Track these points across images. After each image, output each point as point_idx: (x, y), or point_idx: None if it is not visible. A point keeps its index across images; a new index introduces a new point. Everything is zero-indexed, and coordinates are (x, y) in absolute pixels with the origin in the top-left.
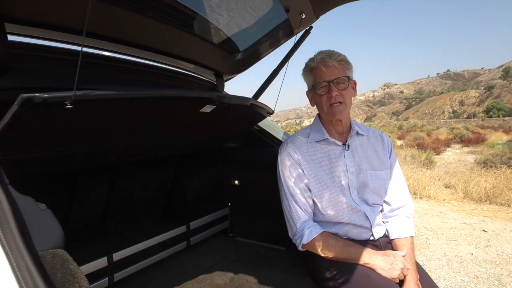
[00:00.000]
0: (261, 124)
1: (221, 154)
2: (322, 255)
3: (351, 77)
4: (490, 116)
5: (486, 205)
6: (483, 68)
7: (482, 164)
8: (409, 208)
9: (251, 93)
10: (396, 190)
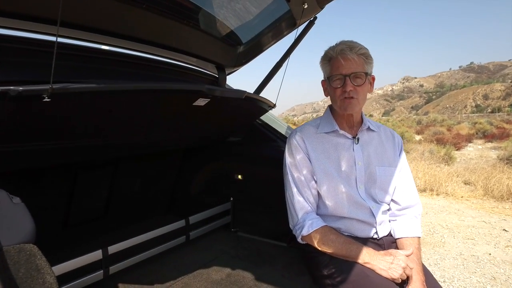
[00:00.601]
0: (264, 119)
1: (224, 148)
2: (321, 249)
3: (369, 73)
4: None
5: (508, 203)
6: (510, 60)
7: (506, 160)
8: (418, 208)
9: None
10: (405, 189)
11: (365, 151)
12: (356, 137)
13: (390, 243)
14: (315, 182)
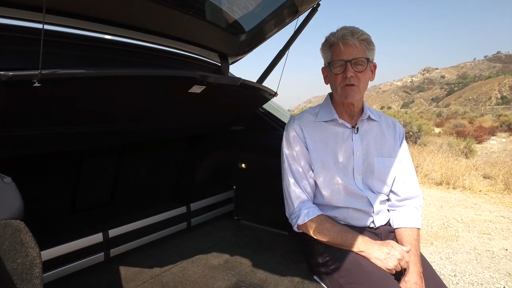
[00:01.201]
0: (268, 108)
1: (227, 137)
2: (316, 238)
3: (371, 59)
4: None
5: None
6: None
7: None
8: (418, 200)
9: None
10: (405, 180)
11: (364, 141)
12: (356, 126)
13: (387, 232)
14: (312, 171)
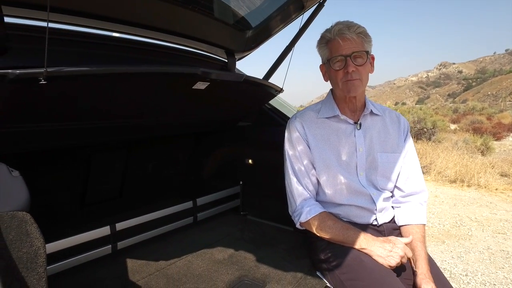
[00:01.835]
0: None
1: (234, 133)
2: (319, 235)
3: (369, 52)
4: None
5: None
6: None
7: None
8: (423, 195)
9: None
10: (410, 176)
11: (367, 137)
12: (358, 122)
13: (391, 229)
14: (314, 169)
